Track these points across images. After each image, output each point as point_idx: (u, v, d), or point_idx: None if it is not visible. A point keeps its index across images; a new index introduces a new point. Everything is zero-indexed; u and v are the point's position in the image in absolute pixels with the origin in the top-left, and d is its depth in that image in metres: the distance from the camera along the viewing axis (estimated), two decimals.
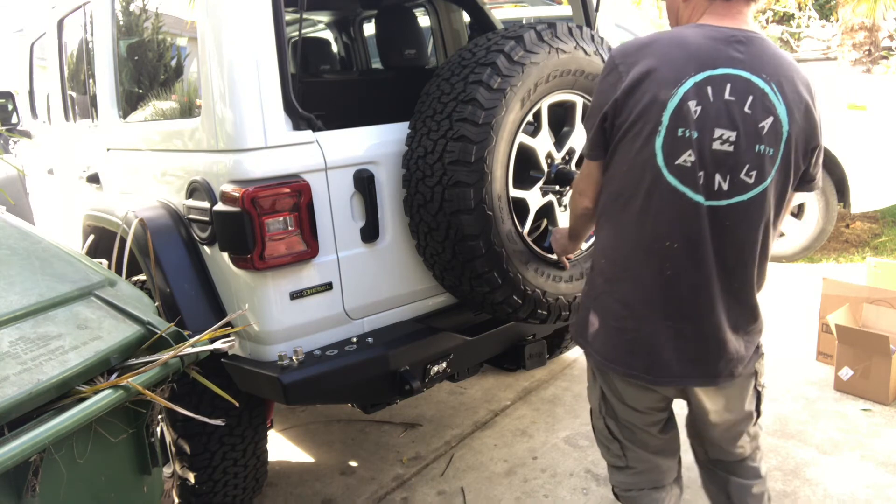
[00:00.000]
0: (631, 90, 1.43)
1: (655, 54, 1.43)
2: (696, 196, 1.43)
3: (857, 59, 10.12)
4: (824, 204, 4.85)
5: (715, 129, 1.41)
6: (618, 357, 1.57)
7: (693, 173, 1.42)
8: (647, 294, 1.51)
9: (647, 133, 1.42)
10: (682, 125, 1.40)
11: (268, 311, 1.98)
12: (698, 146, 1.41)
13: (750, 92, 1.42)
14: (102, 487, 1.54)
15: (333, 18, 4.53)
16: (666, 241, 1.46)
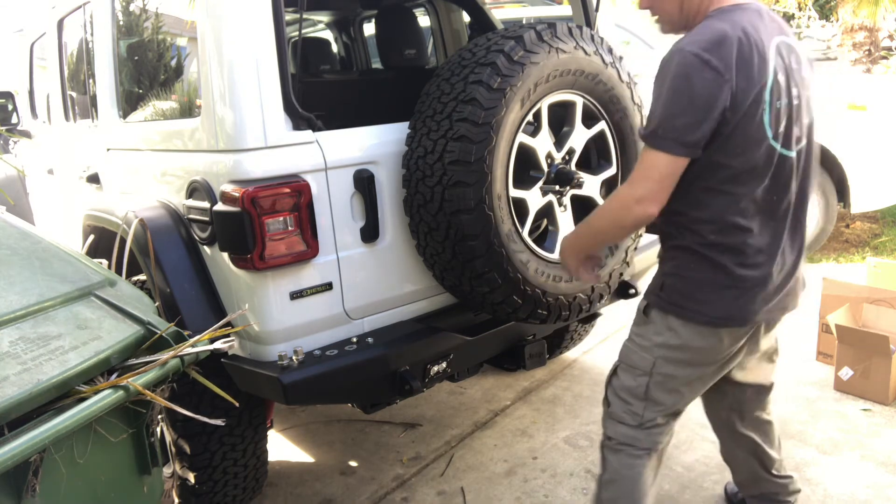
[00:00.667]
0: (737, 82, 1.52)
1: (734, 43, 1.52)
2: (789, 153, 1.64)
3: (857, 59, 10.12)
4: (824, 204, 4.85)
5: (791, 90, 1.62)
6: (738, 312, 1.70)
7: (789, 134, 1.63)
8: (772, 248, 1.70)
9: (757, 114, 1.56)
10: (777, 98, 1.58)
11: (268, 311, 1.98)
12: (787, 110, 1.61)
13: (792, 51, 1.64)
14: (102, 487, 1.54)
15: (333, 18, 4.53)
16: (785, 202, 1.68)
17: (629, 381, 1.83)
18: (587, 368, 3.64)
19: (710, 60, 1.50)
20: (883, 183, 4.78)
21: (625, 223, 1.66)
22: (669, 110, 1.54)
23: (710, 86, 1.51)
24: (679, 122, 1.54)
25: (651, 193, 1.59)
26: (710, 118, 1.53)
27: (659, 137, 1.56)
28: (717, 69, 1.50)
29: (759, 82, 1.55)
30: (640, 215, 1.61)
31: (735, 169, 1.60)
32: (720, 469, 2.62)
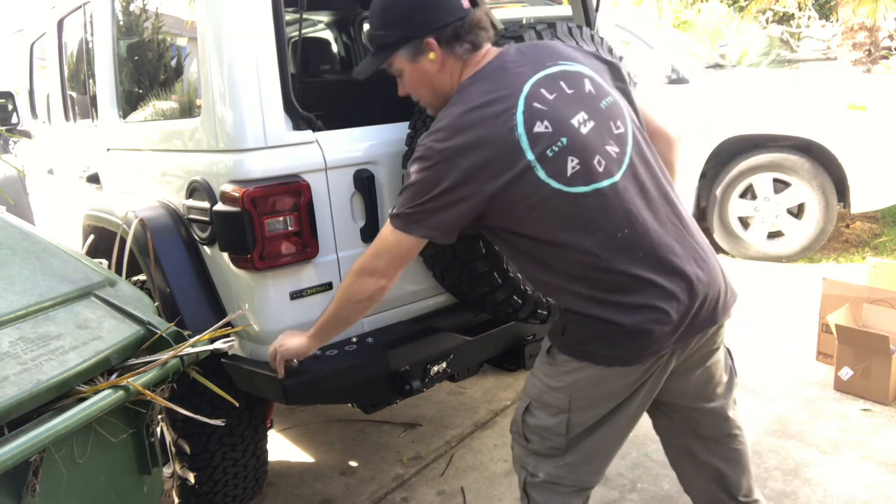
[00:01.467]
0: (481, 157, 1.45)
1: (468, 125, 1.46)
2: (603, 184, 1.49)
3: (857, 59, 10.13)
4: (824, 204, 4.85)
5: (570, 122, 1.49)
6: (636, 354, 1.54)
7: (591, 168, 1.49)
8: (662, 276, 1.51)
9: (525, 176, 1.46)
10: (546, 146, 1.46)
11: (268, 311, 1.98)
12: (574, 146, 1.48)
13: (563, 77, 1.54)
14: (102, 487, 1.54)
15: (333, 18, 4.52)
16: (618, 233, 1.49)
17: (547, 419, 1.66)
18: None
19: (444, 150, 1.45)
20: (883, 183, 4.78)
21: (360, 296, 1.65)
22: (410, 195, 1.51)
23: (445, 173, 1.45)
24: (420, 207, 1.49)
25: (380, 268, 1.61)
26: (448, 204, 1.47)
27: (397, 218, 1.54)
28: (450, 157, 1.44)
29: (511, 148, 1.45)
30: (370, 288, 1.63)
31: (547, 235, 1.49)
32: None
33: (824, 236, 4.98)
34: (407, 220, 1.53)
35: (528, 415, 1.70)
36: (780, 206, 5.02)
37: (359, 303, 1.67)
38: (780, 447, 2.76)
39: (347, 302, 1.68)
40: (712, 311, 1.57)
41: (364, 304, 1.68)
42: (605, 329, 1.52)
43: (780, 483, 2.53)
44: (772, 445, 2.77)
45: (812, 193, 4.87)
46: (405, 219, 1.53)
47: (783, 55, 12.81)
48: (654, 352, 1.53)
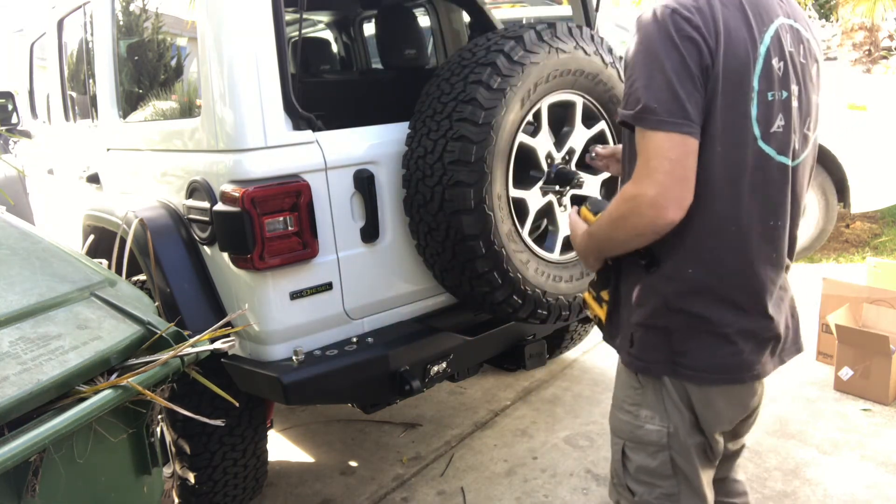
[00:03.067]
0: (724, 53, 1.22)
1: (716, 13, 1.23)
2: (785, 160, 1.32)
3: (857, 59, 10.13)
4: (824, 204, 4.85)
5: (791, 85, 1.31)
6: (728, 361, 1.35)
7: (785, 139, 1.31)
8: (752, 284, 1.36)
9: (733, 104, 1.24)
10: (769, 87, 1.27)
11: (268, 311, 1.98)
12: (784, 107, 1.30)
13: (800, 40, 1.34)
14: (102, 487, 1.54)
15: (333, 18, 4.53)
16: (770, 220, 1.33)
17: (646, 460, 1.44)
18: (587, 368, 3.64)
19: (690, 18, 1.20)
20: (883, 183, 4.78)
21: (660, 222, 1.24)
22: (657, 81, 1.21)
23: (691, 49, 1.21)
24: (672, 94, 1.21)
25: (664, 186, 1.22)
26: (697, 87, 1.21)
27: (655, 115, 1.21)
28: (700, 29, 1.20)
29: (746, 62, 1.24)
30: (657, 221, 1.24)
31: (712, 175, 1.26)
32: None
33: (824, 236, 4.98)
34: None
35: (626, 459, 1.48)
36: None
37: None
38: (780, 447, 2.76)
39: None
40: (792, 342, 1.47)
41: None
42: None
43: (780, 483, 2.53)
44: (772, 445, 2.77)
45: (812, 193, 4.87)
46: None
47: None
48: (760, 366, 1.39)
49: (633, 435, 1.46)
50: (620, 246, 1.37)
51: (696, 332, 1.35)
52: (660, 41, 1.21)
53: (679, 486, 1.43)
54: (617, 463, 1.50)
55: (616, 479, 1.52)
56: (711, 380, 1.37)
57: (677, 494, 1.44)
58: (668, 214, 1.23)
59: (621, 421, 1.48)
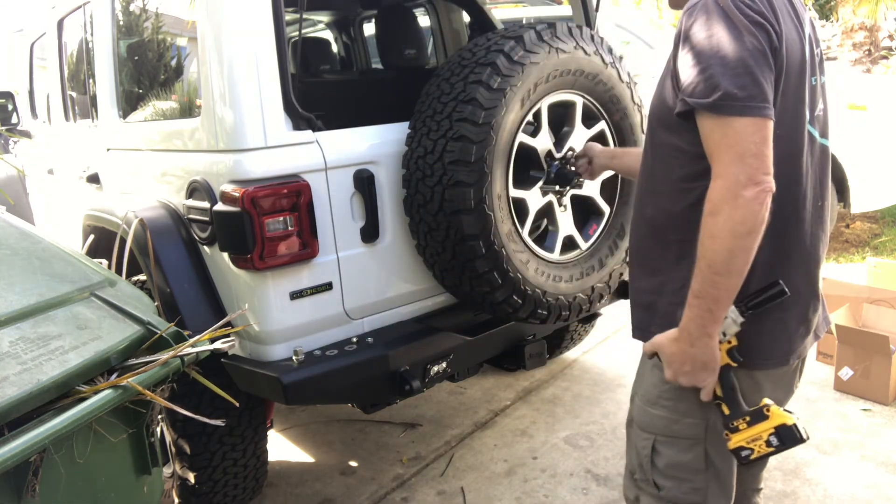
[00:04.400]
0: (781, 35, 1.21)
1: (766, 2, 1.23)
2: (826, 142, 1.38)
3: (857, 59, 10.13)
4: None
5: (818, 74, 1.37)
6: (783, 346, 1.35)
7: (825, 121, 1.37)
8: (807, 264, 1.36)
9: (792, 87, 1.25)
10: (812, 73, 1.31)
11: (268, 311, 1.98)
12: (823, 92, 1.37)
13: (812, 27, 1.36)
14: (102, 487, 1.54)
15: (333, 18, 4.53)
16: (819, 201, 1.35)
17: (679, 455, 1.41)
18: (587, 368, 3.64)
19: (751, 5, 1.19)
20: (883, 183, 4.78)
21: (748, 222, 1.16)
22: (733, 66, 1.17)
23: (762, 33, 1.19)
24: (751, 78, 1.17)
25: (755, 167, 1.16)
26: (772, 69, 1.20)
27: (737, 100, 1.16)
28: (765, 15, 1.19)
29: (800, 47, 1.27)
30: (759, 198, 1.15)
31: (776, 156, 1.20)
32: None
33: None
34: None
35: (655, 455, 1.44)
36: None
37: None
38: None
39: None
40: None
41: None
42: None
43: (780, 483, 2.53)
44: None
45: None
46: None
47: None
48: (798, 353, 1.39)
49: (669, 430, 1.42)
50: (738, 262, 1.19)
51: (754, 319, 1.30)
52: (729, 27, 1.18)
53: (708, 482, 1.41)
54: (645, 459, 1.46)
55: (639, 475, 1.48)
56: (763, 364, 1.35)
57: (705, 489, 1.41)
58: (768, 189, 1.16)
59: (655, 416, 1.44)
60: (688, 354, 1.29)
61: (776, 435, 1.24)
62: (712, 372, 1.30)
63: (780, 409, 1.26)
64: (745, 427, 1.27)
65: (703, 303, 1.23)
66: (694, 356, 1.28)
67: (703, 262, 1.22)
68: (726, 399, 1.31)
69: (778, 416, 1.25)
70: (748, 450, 1.27)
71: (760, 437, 1.26)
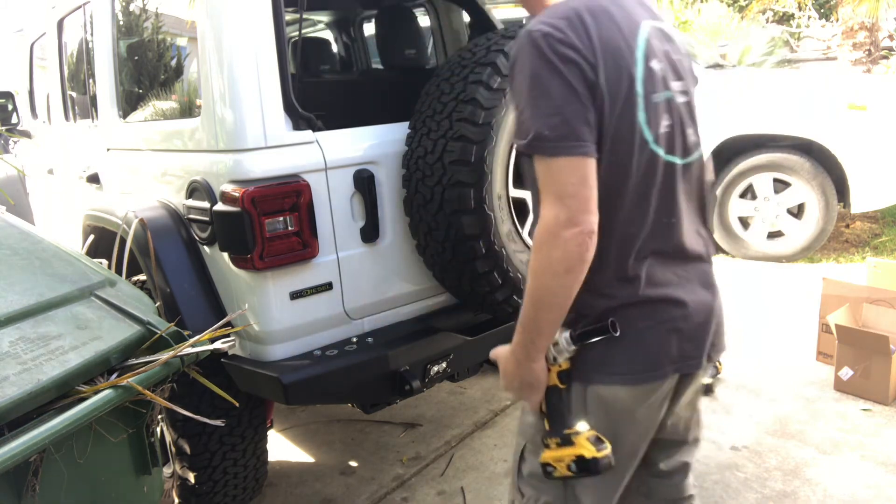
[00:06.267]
0: (604, 64, 1.21)
1: (590, 21, 1.22)
2: (673, 158, 1.31)
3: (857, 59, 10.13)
4: (824, 204, 4.85)
5: (671, 83, 1.31)
6: (662, 359, 1.32)
7: (675, 138, 1.31)
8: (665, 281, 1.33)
9: (629, 111, 1.23)
10: (653, 90, 1.26)
11: (268, 311, 1.98)
12: (669, 107, 1.30)
13: (668, 38, 1.34)
14: (102, 487, 1.54)
15: (333, 18, 4.53)
16: (664, 218, 1.32)
17: (538, 466, 1.38)
18: None
19: (564, 39, 1.18)
20: (883, 183, 4.78)
21: (565, 261, 1.18)
22: (544, 107, 1.19)
23: (573, 69, 1.18)
24: (562, 118, 1.18)
25: (574, 208, 1.17)
26: (586, 105, 1.19)
27: (548, 141, 1.18)
28: (577, 48, 1.18)
29: (627, 69, 1.23)
30: (577, 239, 1.17)
31: (609, 185, 1.22)
32: (719, 469, 2.62)
33: (824, 236, 4.98)
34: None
35: (522, 462, 1.46)
36: (781, 206, 5.02)
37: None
38: (780, 447, 2.76)
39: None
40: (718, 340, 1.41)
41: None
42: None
43: (780, 483, 2.53)
44: (772, 445, 2.77)
45: (812, 193, 4.87)
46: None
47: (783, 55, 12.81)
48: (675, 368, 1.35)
49: (535, 439, 1.42)
50: (558, 299, 1.22)
51: (612, 337, 1.30)
52: (539, 67, 1.18)
53: (566, 500, 1.41)
54: (514, 464, 1.49)
55: (512, 479, 1.51)
56: (624, 381, 1.32)
57: None
58: (587, 230, 1.18)
59: (526, 424, 1.46)
60: (515, 374, 1.34)
61: (576, 462, 1.28)
62: (536, 391, 1.35)
63: (585, 440, 1.27)
64: (554, 447, 1.31)
65: (526, 333, 1.28)
66: (520, 376, 1.33)
67: (526, 296, 1.25)
68: (549, 416, 1.35)
69: (581, 446, 1.28)
70: (552, 467, 1.31)
71: (563, 460, 1.29)
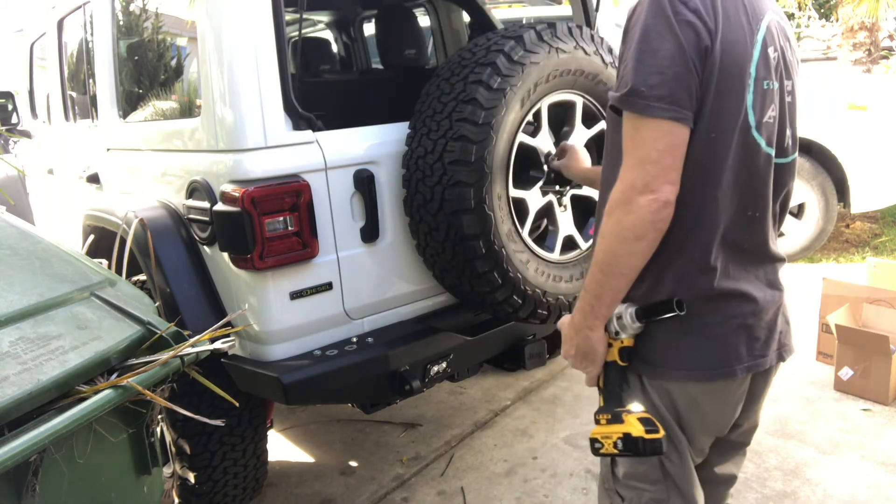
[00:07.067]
0: (723, 33, 1.16)
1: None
2: (771, 151, 1.26)
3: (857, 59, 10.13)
4: (824, 204, 4.85)
5: (784, 79, 1.26)
6: (731, 356, 1.30)
7: (773, 130, 1.25)
8: (741, 272, 1.31)
9: (738, 89, 1.18)
10: (765, 77, 1.21)
11: (268, 311, 1.98)
12: (778, 99, 1.25)
13: (787, 37, 1.30)
14: (102, 487, 1.54)
15: (333, 18, 4.53)
16: (749, 210, 1.27)
17: (635, 465, 1.39)
18: None
19: (688, 1, 1.14)
20: (883, 183, 4.79)
21: (637, 228, 1.15)
22: (648, 64, 1.15)
23: (688, 32, 1.14)
24: (662, 78, 1.14)
25: (653, 175, 1.14)
26: (692, 71, 1.14)
27: (642, 98, 1.14)
28: (699, 11, 1.14)
29: (745, 47, 1.18)
30: (651, 207, 1.14)
31: (703, 163, 1.19)
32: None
33: (824, 236, 4.98)
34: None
35: (614, 466, 1.43)
36: None
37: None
38: (780, 447, 2.76)
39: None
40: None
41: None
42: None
43: (780, 483, 2.53)
44: (772, 445, 2.77)
45: (812, 193, 4.87)
46: None
47: None
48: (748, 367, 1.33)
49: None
50: (622, 265, 1.20)
51: (679, 328, 1.27)
52: (655, 23, 1.14)
53: (669, 492, 1.38)
54: (606, 468, 1.46)
55: (607, 485, 1.48)
56: (692, 376, 1.30)
57: (666, 500, 1.39)
58: (663, 199, 1.14)
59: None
60: (572, 340, 1.32)
61: (622, 440, 1.27)
62: (592, 363, 1.32)
63: (635, 419, 1.26)
64: (604, 423, 1.30)
65: (588, 296, 1.25)
66: (577, 344, 1.31)
67: (593, 258, 1.23)
68: (604, 392, 1.34)
69: (630, 424, 1.27)
70: (599, 443, 1.31)
71: (610, 437, 1.28)
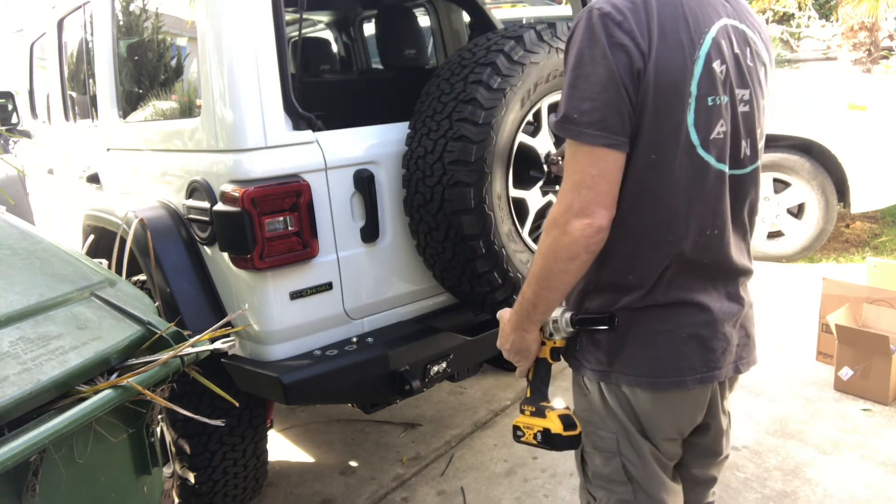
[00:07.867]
0: (658, 54, 1.16)
1: (651, 14, 1.17)
2: (723, 167, 1.25)
3: (857, 59, 10.13)
4: (824, 204, 4.85)
5: (735, 90, 1.24)
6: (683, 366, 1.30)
7: (724, 145, 1.24)
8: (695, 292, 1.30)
9: (676, 109, 1.18)
10: (709, 92, 1.20)
11: (268, 311, 1.98)
12: (727, 113, 1.23)
13: (746, 42, 1.28)
14: (102, 487, 1.54)
15: (333, 18, 4.53)
16: (707, 230, 1.26)
17: (601, 467, 1.42)
18: None
19: (622, 22, 1.14)
20: (883, 183, 4.79)
21: (579, 244, 1.18)
22: (580, 90, 1.16)
23: (620, 56, 1.14)
24: (593, 104, 1.15)
25: (588, 200, 1.17)
26: (623, 97, 1.15)
27: (575, 125, 1.16)
28: (632, 33, 1.14)
29: (683, 65, 1.17)
30: (585, 231, 1.17)
31: (645, 184, 1.20)
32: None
33: (824, 236, 4.98)
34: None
35: (584, 464, 1.47)
36: (780, 206, 5.03)
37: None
38: (780, 447, 2.76)
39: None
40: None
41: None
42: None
43: (780, 483, 2.53)
44: (772, 445, 2.77)
45: (812, 193, 4.87)
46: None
47: (783, 55, 12.82)
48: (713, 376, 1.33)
49: (590, 440, 1.43)
50: (556, 281, 1.24)
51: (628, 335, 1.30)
52: (589, 47, 1.16)
53: (636, 494, 1.40)
54: (578, 468, 1.51)
55: (582, 482, 1.52)
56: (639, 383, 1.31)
57: (633, 501, 1.41)
58: (597, 224, 1.17)
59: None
60: (508, 337, 1.40)
61: (542, 434, 1.36)
62: (525, 359, 1.41)
63: (556, 416, 1.35)
64: (528, 414, 1.40)
65: (525, 303, 1.32)
66: (513, 341, 1.39)
67: (531, 270, 1.29)
68: (532, 385, 1.43)
69: (551, 420, 1.35)
70: (521, 432, 1.40)
71: (532, 429, 1.38)
